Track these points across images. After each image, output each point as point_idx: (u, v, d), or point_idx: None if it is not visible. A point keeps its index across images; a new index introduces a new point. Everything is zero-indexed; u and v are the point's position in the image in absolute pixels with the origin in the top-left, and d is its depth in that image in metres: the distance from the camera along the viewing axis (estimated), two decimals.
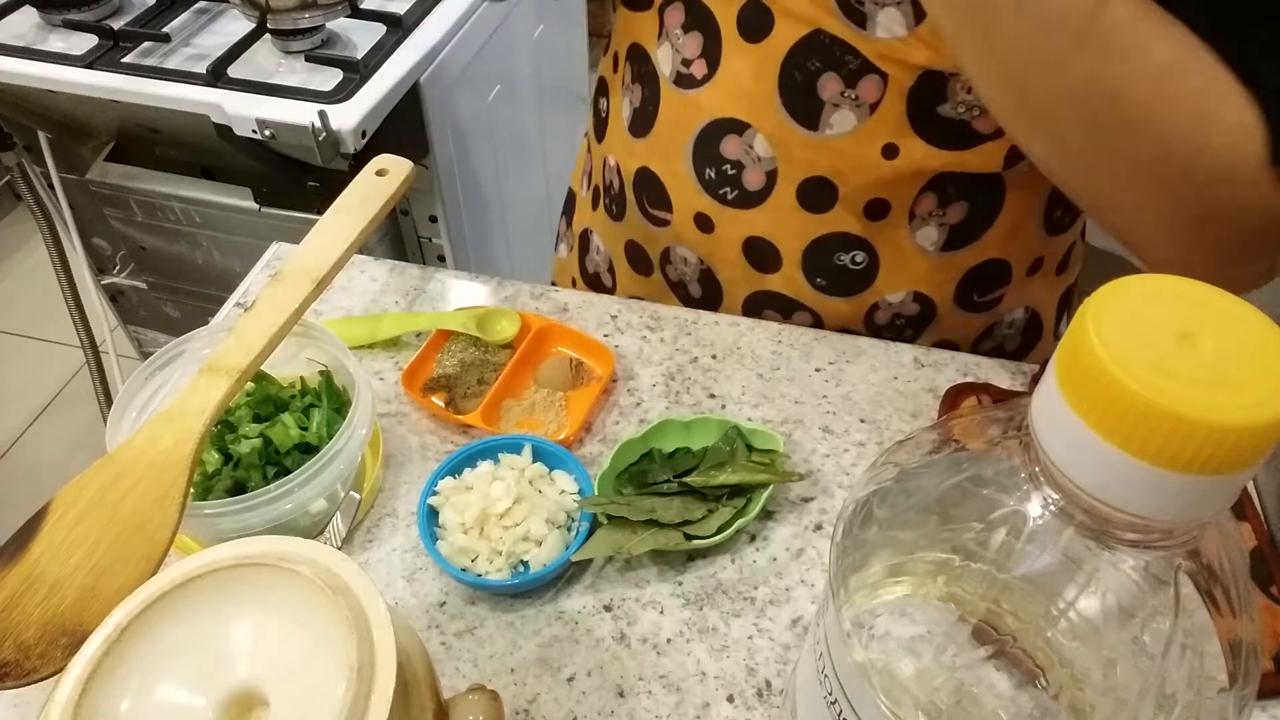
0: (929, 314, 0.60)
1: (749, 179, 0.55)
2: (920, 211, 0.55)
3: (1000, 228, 0.56)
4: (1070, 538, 0.23)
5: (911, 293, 0.59)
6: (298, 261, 0.51)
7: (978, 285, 0.59)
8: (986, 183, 0.54)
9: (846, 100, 0.51)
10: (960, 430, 0.28)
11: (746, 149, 0.55)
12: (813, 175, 0.54)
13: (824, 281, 0.59)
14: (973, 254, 0.57)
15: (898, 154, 0.52)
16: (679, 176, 0.58)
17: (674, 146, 0.57)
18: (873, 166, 0.53)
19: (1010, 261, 0.59)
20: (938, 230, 0.56)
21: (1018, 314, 0.63)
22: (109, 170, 1.13)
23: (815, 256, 0.57)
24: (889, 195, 0.54)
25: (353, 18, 1.03)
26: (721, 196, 0.57)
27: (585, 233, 0.72)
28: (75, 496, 0.42)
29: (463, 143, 1.14)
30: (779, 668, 0.45)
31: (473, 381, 0.59)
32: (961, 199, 0.54)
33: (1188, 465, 0.19)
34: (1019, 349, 0.65)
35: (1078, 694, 0.25)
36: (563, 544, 0.48)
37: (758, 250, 0.58)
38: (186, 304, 1.29)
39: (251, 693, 0.29)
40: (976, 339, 0.63)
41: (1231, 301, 0.21)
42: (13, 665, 0.36)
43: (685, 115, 0.56)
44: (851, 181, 0.54)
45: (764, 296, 0.61)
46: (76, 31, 1.04)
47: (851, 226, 0.56)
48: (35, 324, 1.95)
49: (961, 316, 0.61)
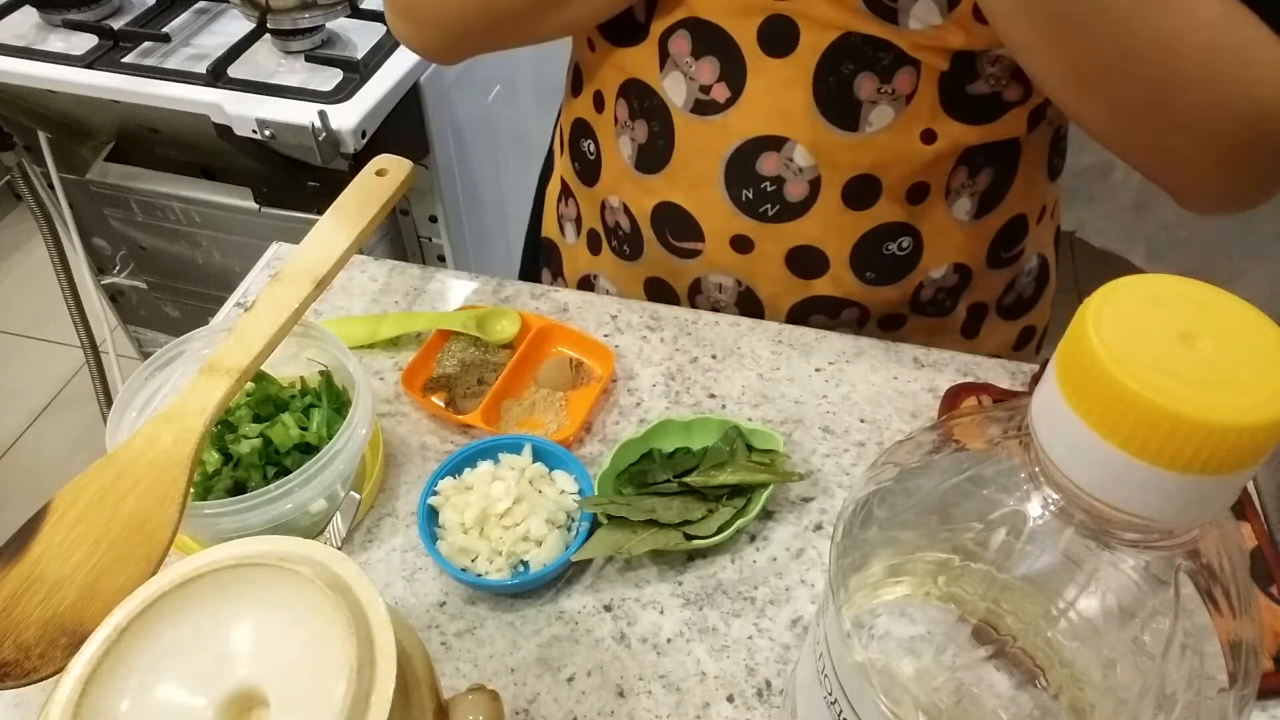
0: (966, 280, 0.62)
1: (790, 192, 0.55)
2: (954, 186, 0.56)
3: (1019, 185, 0.58)
4: (1070, 538, 0.23)
5: (952, 264, 0.60)
6: (298, 261, 0.51)
7: (1004, 243, 0.61)
8: (1008, 147, 0.56)
9: (884, 96, 0.51)
10: (960, 430, 0.28)
11: (786, 163, 0.54)
12: (856, 174, 0.54)
13: (873, 274, 0.59)
14: (1000, 215, 0.59)
15: (936, 138, 0.53)
16: (711, 204, 0.58)
17: (702, 175, 0.57)
18: (914, 154, 0.53)
19: (1027, 214, 0.61)
20: (970, 200, 0.57)
21: (1033, 262, 0.65)
22: (109, 170, 1.13)
23: (864, 252, 0.58)
24: (928, 177, 0.55)
25: (353, 18, 1.04)
26: (762, 215, 0.57)
27: (587, 279, 0.71)
28: (75, 496, 0.42)
29: (463, 143, 1.14)
30: (779, 668, 0.45)
31: (473, 381, 0.59)
32: (988, 166, 0.56)
33: (1188, 465, 0.19)
34: (1034, 295, 0.67)
35: (1078, 694, 0.25)
36: (563, 544, 0.48)
37: (804, 258, 0.58)
38: (186, 304, 1.29)
39: (251, 693, 0.29)
40: (1001, 294, 0.65)
41: (1231, 301, 0.21)
42: (13, 665, 0.36)
43: (711, 142, 0.55)
44: (894, 172, 0.54)
45: (810, 303, 0.61)
46: (76, 31, 1.04)
47: (897, 215, 0.56)
48: (35, 324, 1.95)
49: (991, 275, 0.63)
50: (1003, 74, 0.51)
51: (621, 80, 0.58)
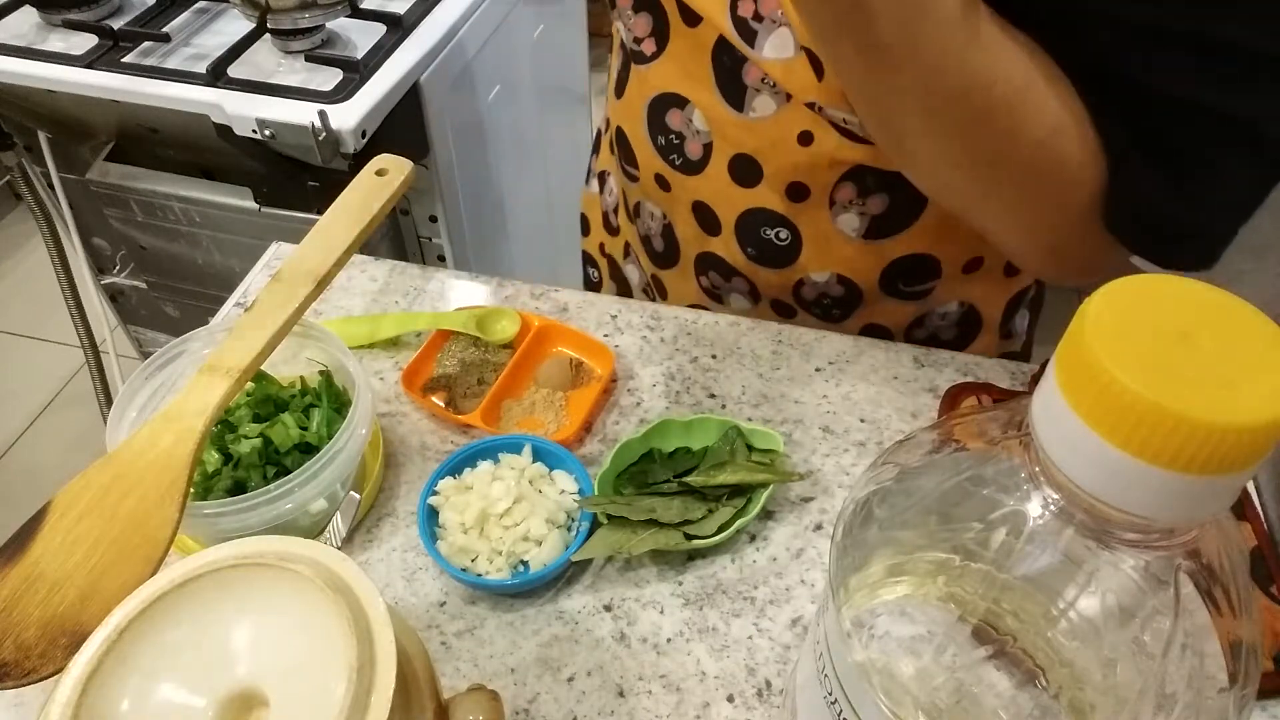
0: (855, 297, 0.61)
1: (690, 149, 0.59)
2: (840, 199, 0.56)
3: (926, 224, 0.57)
4: (1070, 538, 0.23)
5: (834, 274, 0.60)
6: (298, 261, 0.51)
7: (903, 275, 0.60)
8: (907, 180, 0.54)
9: (766, 86, 0.53)
10: (960, 430, 0.28)
11: (687, 122, 0.58)
12: (741, 152, 0.56)
13: (754, 251, 0.61)
14: (897, 245, 0.58)
15: (812, 141, 0.53)
16: (640, 140, 0.62)
17: (635, 112, 0.61)
18: (790, 151, 0.54)
19: (939, 258, 0.59)
20: (858, 219, 0.57)
21: (951, 307, 0.64)
22: (109, 170, 1.13)
23: (745, 227, 0.60)
24: (807, 180, 0.56)
25: (353, 18, 1.03)
26: (671, 162, 0.60)
27: (603, 174, 0.75)
28: (75, 496, 0.42)
29: (463, 143, 1.14)
30: (779, 668, 0.45)
31: (473, 381, 0.59)
32: (882, 191, 0.55)
33: (1188, 465, 0.19)
34: (955, 339, 0.66)
35: (1078, 694, 0.25)
36: (563, 544, 0.48)
37: (703, 214, 0.61)
38: (186, 304, 1.29)
39: (251, 693, 0.29)
40: (909, 325, 0.64)
41: (1231, 301, 0.21)
42: (13, 665, 0.36)
43: (640, 87, 0.60)
44: (773, 162, 0.56)
45: (710, 258, 0.64)
46: (76, 31, 1.04)
47: (775, 204, 0.58)
48: (35, 324, 1.95)
49: (890, 303, 0.62)
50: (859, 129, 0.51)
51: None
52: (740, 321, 0.62)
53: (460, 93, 1.11)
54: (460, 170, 1.14)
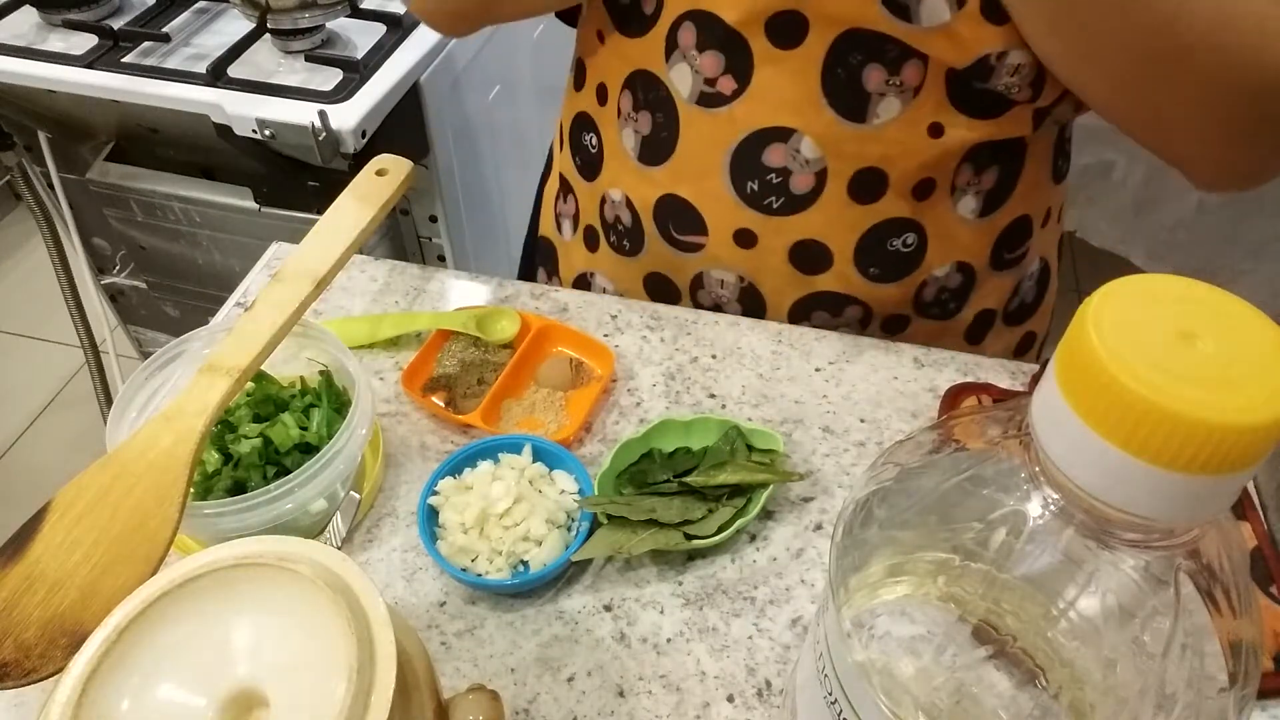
0: (970, 282, 0.61)
1: (796, 184, 0.55)
2: (960, 183, 0.56)
3: (1024, 185, 0.58)
4: (1070, 538, 0.23)
5: (955, 263, 0.60)
6: (298, 261, 0.51)
7: (1008, 244, 0.61)
8: (1014, 145, 0.56)
9: (891, 88, 0.51)
10: (960, 430, 0.28)
11: (793, 154, 0.54)
12: (863, 167, 0.54)
13: (877, 270, 0.59)
14: (1004, 215, 0.59)
15: (943, 132, 0.53)
16: (715, 197, 0.58)
17: (707, 167, 0.57)
18: (921, 148, 0.53)
19: (1031, 215, 0.61)
20: (974, 198, 0.57)
21: (1035, 265, 0.65)
22: (109, 170, 1.13)
23: (868, 247, 0.58)
24: (934, 173, 0.55)
25: (353, 18, 1.04)
26: (766, 208, 0.57)
27: (584, 277, 0.71)
28: (75, 496, 0.42)
29: (463, 143, 1.14)
30: (779, 668, 0.45)
31: (473, 381, 0.59)
32: (993, 164, 0.56)
33: (1188, 465, 0.19)
34: (1035, 300, 0.67)
35: (1078, 694, 0.25)
36: (563, 544, 0.48)
37: (807, 253, 0.58)
38: (186, 304, 1.29)
39: (251, 693, 0.29)
40: (1007, 300, 0.65)
41: (1231, 301, 0.21)
42: (13, 665, 0.36)
43: (716, 134, 0.55)
44: (900, 166, 0.54)
45: (812, 299, 0.61)
46: (76, 31, 1.04)
47: (902, 210, 0.56)
48: (35, 324, 1.95)
49: (996, 278, 0.62)
50: (1021, 84, 0.50)
51: (628, 72, 0.58)
52: (740, 321, 0.62)
53: (460, 93, 1.11)
54: (460, 170, 1.14)
